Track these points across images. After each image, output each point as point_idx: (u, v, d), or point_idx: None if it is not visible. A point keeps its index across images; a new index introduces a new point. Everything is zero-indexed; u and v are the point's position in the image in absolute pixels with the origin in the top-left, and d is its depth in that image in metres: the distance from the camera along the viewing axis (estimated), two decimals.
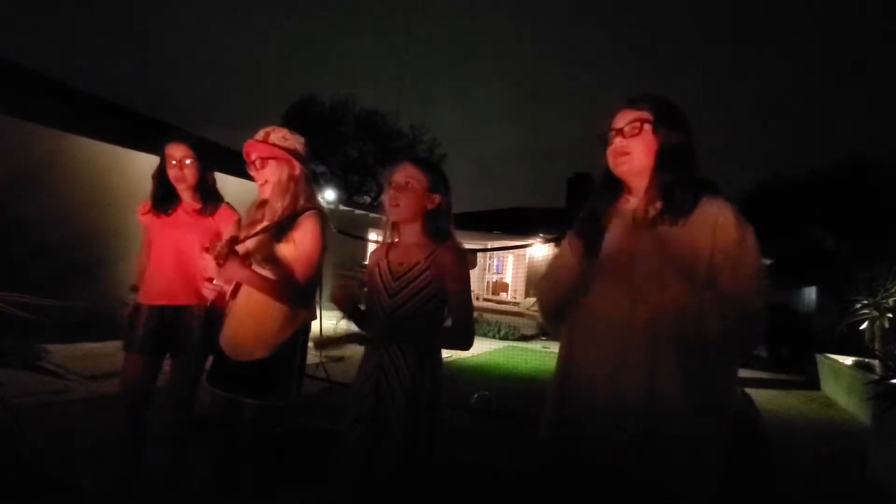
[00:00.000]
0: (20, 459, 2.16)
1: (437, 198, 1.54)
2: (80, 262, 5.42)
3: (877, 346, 5.63)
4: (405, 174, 1.53)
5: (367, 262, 1.67)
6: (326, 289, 1.93)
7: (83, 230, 5.72)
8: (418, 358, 1.47)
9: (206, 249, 1.55)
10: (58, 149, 5.69)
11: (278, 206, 1.65)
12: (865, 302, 5.81)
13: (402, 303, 1.49)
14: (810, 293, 9.46)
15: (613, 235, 1.17)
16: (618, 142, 1.17)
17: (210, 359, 1.79)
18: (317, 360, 4.68)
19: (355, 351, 1.62)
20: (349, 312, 1.57)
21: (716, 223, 1.09)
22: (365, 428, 1.46)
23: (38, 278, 3.66)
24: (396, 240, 1.59)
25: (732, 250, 1.09)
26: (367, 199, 22.89)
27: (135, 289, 2.05)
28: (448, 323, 1.54)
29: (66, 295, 2.17)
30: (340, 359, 5.96)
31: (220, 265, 1.52)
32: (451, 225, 1.58)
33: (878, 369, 5.39)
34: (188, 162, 1.97)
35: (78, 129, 5.87)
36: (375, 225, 13.25)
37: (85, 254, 5.56)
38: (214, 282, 1.69)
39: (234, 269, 1.54)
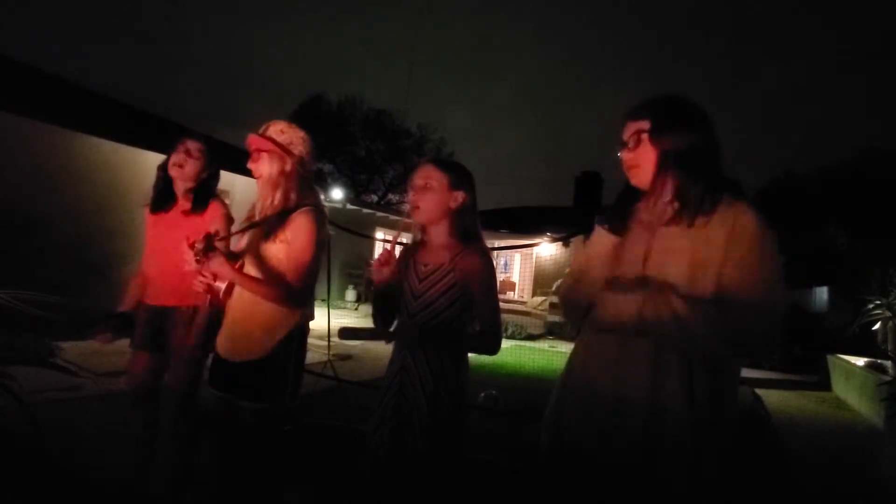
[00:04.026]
0: (34, 454, 2.19)
1: (459, 195, 1.52)
2: (90, 261, 5.48)
3: (889, 346, 5.55)
4: (424, 175, 1.52)
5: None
6: (329, 286, 1.92)
7: (93, 229, 5.79)
8: (441, 361, 1.46)
9: (190, 245, 1.51)
10: (68, 148, 5.76)
11: (268, 201, 1.63)
12: (878, 302, 5.73)
13: (426, 304, 1.49)
14: (822, 292, 9.35)
15: (627, 239, 1.18)
16: (625, 155, 1.18)
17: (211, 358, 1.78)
18: (324, 358, 4.71)
19: (363, 350, 1.62)
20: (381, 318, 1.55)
21: (733, 228, 1.06)
22: (390, 428, 1.47)
23: (50, 276, 3.71)
24: (424, 241, 1.58)
25: (749, 257, 1.05)
26: (375, 197, 22.95)
27: (112, 317, 2.02)
28: (475, 326, 1.52)
29: (77, 293, 2.20)
30: (348, 357, 6.00)
31: (199, 261, 1.48)
32: (477, 225, 1.55)
33: (890, 370, 5.32)
34: (194, 156, 1.99)
35: (88, 129, 5.94)
36: (383, 224, 13.28)
37: (95, 252, 5.62)
38: (201, 279, 1.60)
39: (216, 266, 1.50)
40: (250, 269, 1.59)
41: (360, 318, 8.86)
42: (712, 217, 1.08)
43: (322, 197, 1.74)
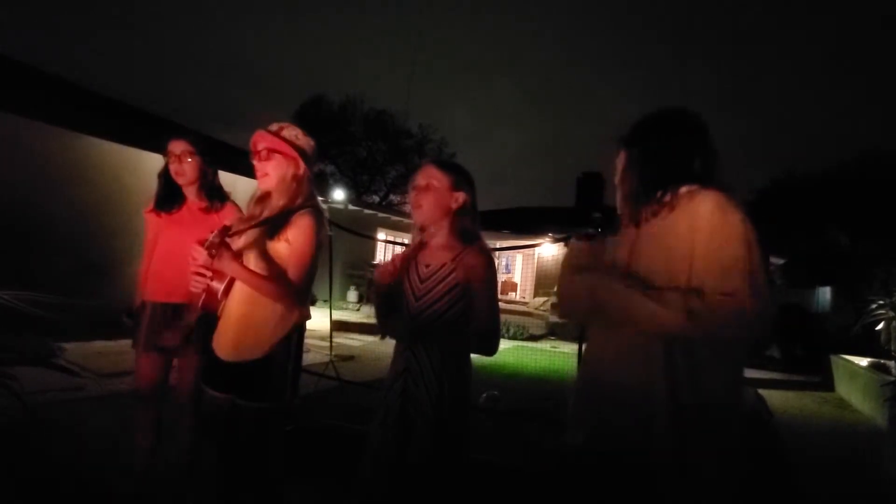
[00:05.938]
0: (36, 454, 2.20)
1: (460, 196, 1.53)
2: (93, 261, 5.50)
3: (893, 347, 5.55)
4: (426, 175, 1.53)
5: (376, 262, 1.67)
6: (331, 286, 1.93)
7: (96, 229, 5.80)
8: (444, 361, 1.46)
9: (200, 242, 1.52)
10: (68, 148, 5.76)
11: (279, 203, 1.64)
12: (881, 302, 5.73)
13: (427, 305, 1.49)
14: (825, 293, 9.34)
15: (616, 240, 1.27)
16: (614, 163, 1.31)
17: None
18: (326, 359, 4.72)
19: (365, 350, 1.62)
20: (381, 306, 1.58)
21: (695, 215, 1.07)
22: (394, 429, 1.47)
23: (53, 277, 3.73)
24: (425, 242, 1.58)
25: (715, 242, 1.04)
26: (376, 198, 22.96)
27: (130, 314, 2.04)
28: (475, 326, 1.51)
29: (80, 294, 2.20)
30: (350, 358, 6.00)
31: (212, 256, 1.49)
32: (477, 226, 1.56)
33: (893, 370, 5.31)
34: (188, 158, 1.99)
35: (90, 130, 5.95)
36: (384, 224, 13.28)
37: (97, 253, 5.63)
38: (204, 277, 1.59)
39: (226, 262, 1.52)
40: (251, 266, 1.59)
41: (361, 318, 8.90)
42: (676, 209, 1.12)
43: (320, 199, 1.75)
